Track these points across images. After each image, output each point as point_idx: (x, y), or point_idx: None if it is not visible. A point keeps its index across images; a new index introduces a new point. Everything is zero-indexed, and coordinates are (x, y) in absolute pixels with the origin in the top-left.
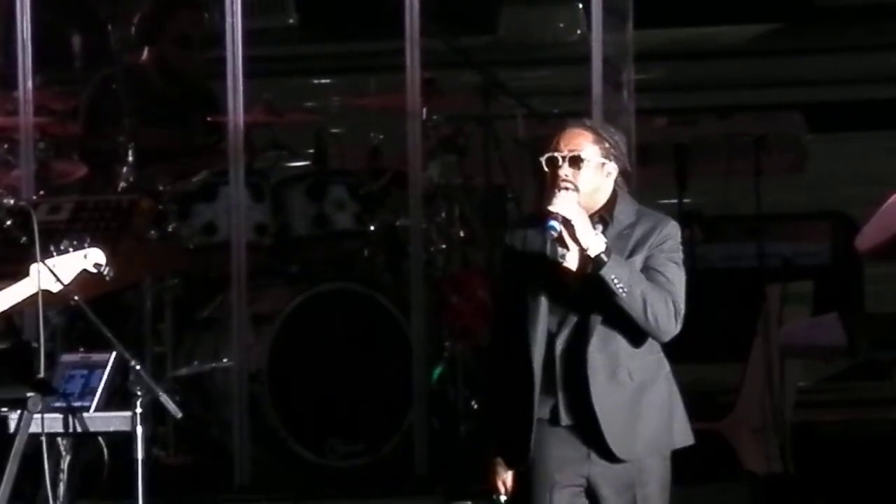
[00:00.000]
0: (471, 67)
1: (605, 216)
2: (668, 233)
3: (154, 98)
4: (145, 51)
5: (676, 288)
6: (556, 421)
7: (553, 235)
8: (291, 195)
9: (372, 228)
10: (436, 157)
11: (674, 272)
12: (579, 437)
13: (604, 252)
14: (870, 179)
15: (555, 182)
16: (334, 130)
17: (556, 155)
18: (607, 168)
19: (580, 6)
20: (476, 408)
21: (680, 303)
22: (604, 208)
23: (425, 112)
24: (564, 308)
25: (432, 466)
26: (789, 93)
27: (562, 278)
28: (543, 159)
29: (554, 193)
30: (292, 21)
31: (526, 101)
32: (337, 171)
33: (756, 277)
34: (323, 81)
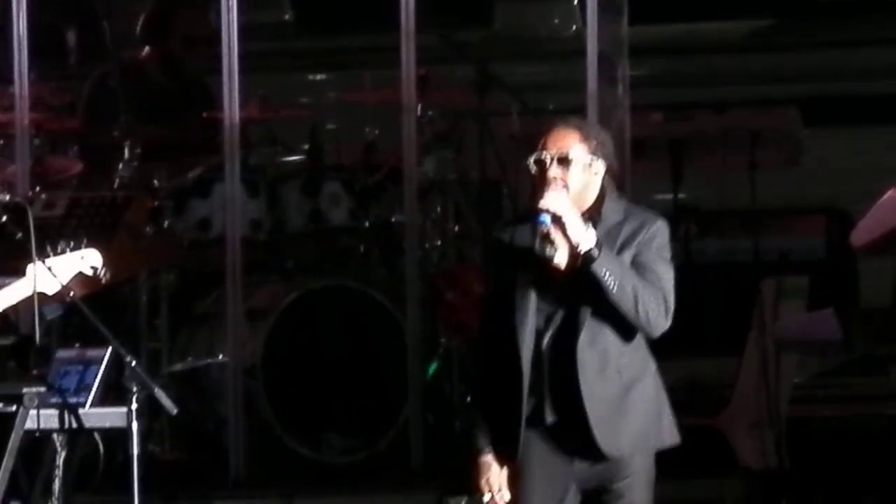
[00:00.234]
0: (466, 62)
1: (593, 214)
2: (656, 230)
3: (153, 95)
4: (146, 48)
5: (666, 283)
6: (540, 419)
7: (544, 230)
8: (286, 191)
9: (367, 224)
10: (431, 153)
11: (663, 268)
12: (564, 435)
13: (595, 247)
14: (866, 175)
15: (544, 182)
16: (329, 126)
17: (544, 155)
18: (595, 167)
19: (575, 1)
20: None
21: (670, 298)
22: (592, 207)
23: (420, 107)
24: (553, 305)
25: (428, 462)
26: (785, 88)
27: (551, 275)
28: (531, 160)
29: (544, 192)
30: (287, 16)
31: (521, 96)
32: (332, 167)
33: (751, 272)
34: (318, 77)
